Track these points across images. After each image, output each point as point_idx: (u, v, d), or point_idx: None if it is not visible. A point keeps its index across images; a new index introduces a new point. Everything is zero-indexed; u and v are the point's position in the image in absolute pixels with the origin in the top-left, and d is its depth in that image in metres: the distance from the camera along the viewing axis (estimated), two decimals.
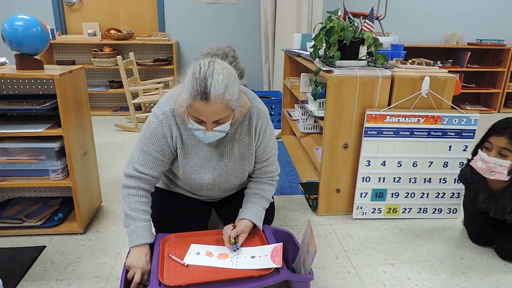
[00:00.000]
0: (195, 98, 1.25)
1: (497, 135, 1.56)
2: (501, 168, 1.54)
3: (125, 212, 1.45)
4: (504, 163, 1.53)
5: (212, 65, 1.27)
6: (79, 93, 1.90)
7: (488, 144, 1.59)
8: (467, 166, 1.79)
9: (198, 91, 1.23)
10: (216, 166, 1.53)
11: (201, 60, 1.30)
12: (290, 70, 3.44)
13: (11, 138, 1.76)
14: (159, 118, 1.43)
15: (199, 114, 1.29)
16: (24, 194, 2.13)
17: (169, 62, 4.41)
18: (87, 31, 4.23)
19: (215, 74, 1.24)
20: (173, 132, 1.44)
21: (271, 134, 1.57)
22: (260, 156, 1.58)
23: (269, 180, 1.63)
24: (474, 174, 1.75)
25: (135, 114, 3.77)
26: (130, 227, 1.43)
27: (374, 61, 2.06)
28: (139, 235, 1.41)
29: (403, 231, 2.04)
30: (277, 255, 1.36)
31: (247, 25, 4.49)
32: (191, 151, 1.49)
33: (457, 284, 1.64)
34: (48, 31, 1.76)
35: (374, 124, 1.97)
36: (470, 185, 1.79)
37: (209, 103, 1.24)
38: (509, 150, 1.54)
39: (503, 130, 1.55)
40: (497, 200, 1.69)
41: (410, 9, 4.63)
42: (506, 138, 1.53)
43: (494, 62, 4.81)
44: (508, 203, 1.65)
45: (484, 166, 1.60)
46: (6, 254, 1.74)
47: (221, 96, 1.24)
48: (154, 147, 1.45)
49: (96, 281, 1.60)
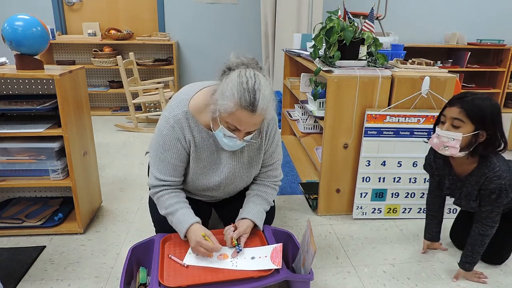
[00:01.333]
0: (241, 108, 1.26)
1: (450, 106, 1.50)
2: (454, 142, 1.47)
3: (163, 214, 1.48)
4: (456, 136, 1.46)
5: (257, 78, 1.29)
6: (79, 93, 1.90)
7: (442, 118, 1.53)
8: (430, 151, 1.73)
9: (247, 102, 1.25)
10: (224, 169, 1.53)
11: (242, 70, 1.31)
12: (290, 70, 3.44)
13: (11, 138, 1.76)
14: (170, 123, 1.42)
15: (239, 123, 1.31)
16: (24, 194, 2.13)
17: (169, 62, 4.41)
18: (87, 31, 4.23)
19: (262, 88, 1.28)
20: (186, 135, 1.44)
21: (278, 140, 1.60)
22: (266, 161, 1.60)
23: (272, 184, 1.64)
24: (438, 158, 1.68)
25: (135, 114, 3.77)
26: (173, 223, 1.45)
27: (374, 61, 2.06)
28: (182, 222, 1.42)
29: (403, 231, 2.04)
30: (277, 256, 1.36)
31: (247, 25, 4.49)
32: (203, 153, 1.49)
33: (457, 284, 1.64)
34: (48, 31, 1.76)
35: (374, 124, 1.97)
36: (435, 170, 1.72)
37: (254, 114, 1.28)
38: (460, 121, 1.46)
39: (456, 100, 1.49)
40: (461, 186, 1.63)
41: (410, 9, 4.63)
42: (458, 108, 1.46)
43: (494, 62, 4.81)
44: (474, 189, 1.58)
45: (438, 141, 1.53)
46: (6, 254, 1.74)
47: (265, 110, 1.29)
48: (170, 154, 1.45)
49: (96, 281, 1.60)
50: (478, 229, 1.60)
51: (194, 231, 1.40)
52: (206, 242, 1.37)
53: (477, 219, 1.61)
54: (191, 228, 1.42)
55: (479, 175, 1.53)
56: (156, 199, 1.50)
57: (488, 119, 1.44)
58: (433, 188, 1.79)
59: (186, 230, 1.42)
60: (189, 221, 1.43)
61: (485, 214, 1.57)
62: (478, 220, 1.60)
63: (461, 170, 1.61)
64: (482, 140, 1.48)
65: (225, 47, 4.56)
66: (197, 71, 4.64)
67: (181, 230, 1.43)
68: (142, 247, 1.50)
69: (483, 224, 1.58)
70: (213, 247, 1.37)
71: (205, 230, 1.43)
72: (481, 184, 1.54)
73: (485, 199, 1.55)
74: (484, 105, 1.45)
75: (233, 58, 1.37)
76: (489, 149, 1.49)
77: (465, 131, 1.46)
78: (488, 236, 1.59)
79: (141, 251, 1.50)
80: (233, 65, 1.35)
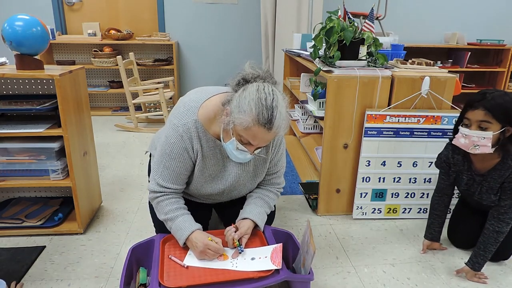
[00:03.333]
0: (258, 124, 1.25)
1: (473, 109, 1.50)
2: (485, 141, 1.48)
3: (162, 219, 1.47)
4: (486, 135, 1.48)
5: (276, 95, 1.28)
6: (79, 93, 1.90)
7: (466, 121, 1.54)
8: (447, 148, 1.74)
9: (265, 119, 1.24)
10: (229, 177, 1.53)
11: (260, 84, 1.29)
12: (290, 70, 3.44)
13: (11, 138, 1.76)
14: (179, 131, 1.40)
15: (253, 138, 1.30)
16: (24, 194, 2.13)
17: (169, 62, 4.41)
18: (87, 31, 4.23)
19: (279, 105, 1.27)
20: (194, 144, 1.42)
21: (283, 149, 1.60)
22: (271, 169, 1.60)
23: (275, 189, 1.64)
24: (456, 154, 1.68)
25: (135, 114, 3.77)
26: (172, 229, 1.44)
27: (374, 61, 2.06)
28: (183, 229, 1.42)
29: (403, 231, 2.04)
30: (277, 256, 1.36)
31: (247, 25, 4.49)
32: (209, 162, 1.48)
33: (457, 284, 1.64)
34: (48, 31, 1.76)
35: (374, 124, 1.97)
36: (452, 167, 1.72)
37: (269, 132, 1.27)
38: (487, 122, 1.48)
39: (477, 103, 1.49)
40: (482, 181, 1.63)
41: (410, 9, 4.63)
42: (482, 110, 1.47)
43: (494, 62, 4.80)
44: (496, 182, 1.58)
45: (467, 141, 1.53)
46: (6, 254, 1.74)
47: (280, 128, 1.29)
48: (176, 163, 1.43)
49: (96, 281, 1.60)
50: (493, 226, 1.60)
51: (197, 237, 1.40)
52: (214, 244, 1.38)
53: (493, 216, 1.61)
54: (193, 235, 1.41)
55: (504, 168, 1.55)
56: (155, 204, 1.49)
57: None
58: (443, 187, 1.79)
59: (187, 237, 1.41)
60: (190, 228, 1.42)
61: (504, 209, 1.58)
62: (495, 216, 1.60)
63: (482, 166, 1.62)
64: (508, 134, 1.51)
65: (225, 47, 4.56)
66: (197, 71, 4.64)
67: (181, 237, 1.42)
68: (142, 247, 1.50)
69: (499, 220, 1.58)
70: (219, 248, 1.39)
71: (208, 235, 1.43)
72: (505, 177, 1.55)
73: (507, 192, 1.56)
74: (506, 101, 1.47)
75: (248, 69, 1.34)
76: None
77: (494, 130, 1.49)
78: (503, 234, 1.59)
79: (141, 251, 1.50)
80: (249, 77, 1.32)
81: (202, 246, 1.37)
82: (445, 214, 1.82)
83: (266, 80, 1.32)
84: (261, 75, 1.33)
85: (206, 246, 1.37)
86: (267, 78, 1.34)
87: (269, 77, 1.34)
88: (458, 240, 1.88)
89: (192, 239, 1.40)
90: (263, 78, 1.32)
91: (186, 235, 1.41)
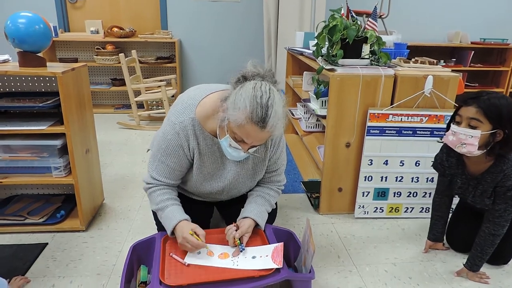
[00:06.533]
0: (251, 122, 1.24)
1: (466, 105, 1.48)
2: (472, 140, 1.45)
3: (153, 209, 1.48)
4: (474, 134, 1.45)
5: (272, 94, 1.26)
6: (82, 91, 1.90)
7: (458, 118, 1.51)
8: (442, 151, 1.72)
9: (259, 117, 1.23)
10: (228, 175, 1.53)
11: (258, 82, 1.27)
12: (293, 69, 3.44)
13: (14, 135, 1.76)
14: (176, 129, 1.41)
15: (247, 136, 1.29)
16: (26, 191, 2.13)
17: (171, 60, 4.41)
18: (89, 29, 4.23)
19: (275, 105, 1.25)
20: (191, 142, 1.43)
21: (283, 147, 1.60)
22: (271, 167, 1.59)
23: (275, 187, 1.64)
24: (451, 157, 1.67)
25: (138, 112, 3.78)
26: (162, 218, 1.46)
27: (377, 60, 2.05)
28: (171, 219, 1.42)
29: (405, 231, 2.04)
30: (278, 255, 1.36)
31: (250, 23, 4.48)
32: (207, 160, 1.49)
33: (459, 284, 1.64)
34: (51, 28, 1.76)
35: (376, 123, 1.96)
36: (447, 169, 1.70)
37: (263, 130, 1.26)
38: (478, 121, 1.45)
39: (471, 100, 1.47)
40: (476, 184, 1.61)
41: (413, 8, 4.61)
42: (475, 108, 1.45)
43: (497, 61, 4.78)
44: (489, 186, 1.56)
45: (455, 138, 1.51)
46: (9, 251, 1.74)
47: (274, 127, 1.27)
48: (171, 159, 1.45)
49: (98, 278, 1.60)
50: (489, 229, 1.59)
51: (181, 228, 1.40)
52: (192, 238, 1.36)
53: (488, 219, 1.60)
54: (179, 225, 1.41)
55: (496, 172, 1.53)
56: (148, 194, 1.52)
57: (505, 118, 1.43)
58: (443, 188, 1.77)
59: (174, 227, 1.42)
60: (177, 218, 1.42)
61: (498, 213, 1.56)
62: (490, 219, 1.59)
63: (475, 169, 1.60)
64: (499, 139, 1.47)
65: (227, 45, 4.56)
66: (199, 68, 4.64)
67: (168, 227, 1.43)
68: (143, 245, 1.51)
69: (495, 223, 1.57)
70: (198, 243, 1.37)
71: (196, 228, 1.42)
72: (497, 182, 1.53)
73: (501, 197, 1.54)
74: (501, 104, 1.44)
75: (249, 67, 1.33)
76: (506, 148, 1.48)
77: (483, 130, 1.45)
78: (499, 236, 1.58)
79: (142, 249, 1.50)
80: (249, 75, 1.31)
81: (181, 238, 1.38)
82: (447, 214, 1.81)
83: (266, 78, 1.32)
84: (261, 74, 1.32)
85: (184, 239, 1.37)
86: (266, 76, 1.33)
87: (269, 76, 1.33)
88: (456, 244, 1.86)
89: (177, 230, 1.41)
90: (263, 77, 1.32)
91: (172, 225, 1.42)
